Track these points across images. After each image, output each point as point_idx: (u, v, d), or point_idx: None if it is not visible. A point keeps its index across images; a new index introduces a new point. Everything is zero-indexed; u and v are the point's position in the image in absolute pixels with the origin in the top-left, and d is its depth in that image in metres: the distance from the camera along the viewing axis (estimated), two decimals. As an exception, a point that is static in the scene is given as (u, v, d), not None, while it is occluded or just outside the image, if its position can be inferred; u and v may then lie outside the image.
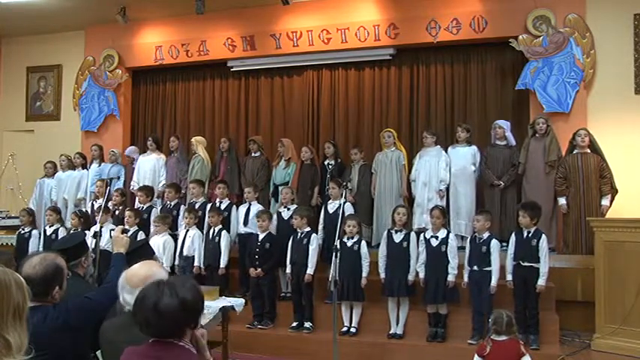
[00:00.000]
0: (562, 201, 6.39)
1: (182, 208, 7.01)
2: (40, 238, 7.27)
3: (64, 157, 8.50)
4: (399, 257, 5.69)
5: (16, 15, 8.68)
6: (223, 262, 6.31)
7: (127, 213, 6.76)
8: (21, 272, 2.07)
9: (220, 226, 6.44)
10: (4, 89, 10.08)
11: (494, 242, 5.44)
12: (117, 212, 7.21)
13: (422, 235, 5.77)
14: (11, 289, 1.62)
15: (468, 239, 5.74)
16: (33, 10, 8.58)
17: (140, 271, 2.42)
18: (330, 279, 4.97)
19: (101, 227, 5.98)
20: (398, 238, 5.74)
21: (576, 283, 5.92)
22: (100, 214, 6.19)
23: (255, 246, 6.18)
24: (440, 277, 5.52)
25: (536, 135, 6.60)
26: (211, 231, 6.43)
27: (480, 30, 7.32)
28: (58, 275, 2.55)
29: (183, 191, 7.56)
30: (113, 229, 4.97)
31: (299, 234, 6.03)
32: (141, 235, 6.49)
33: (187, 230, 6.48)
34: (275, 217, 6.60)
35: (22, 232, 7.37)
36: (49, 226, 7.21)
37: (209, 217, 6.52)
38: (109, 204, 7.09)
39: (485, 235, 5.50)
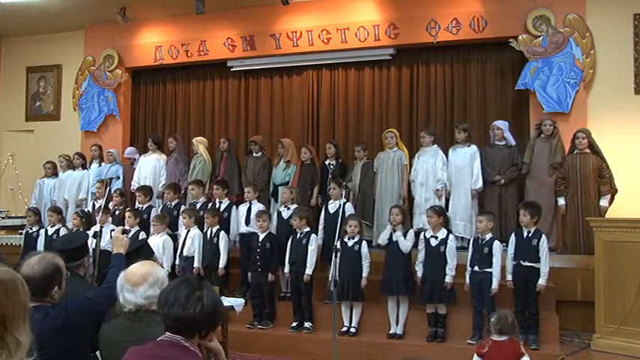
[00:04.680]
0: (561, 201, 6.39)
1: (183, 208, 7.00)
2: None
3: (62, 158, 8.50)
4: (397, 256, 5.69)
5: (16, 15, 8.67)
6: (222, 263, 6.31)
7: (127, 213, 6.75)
8: (20, 272, 2.06)
9: (218, 227, 6.44)
10: (4, 89, 10.07)
11: (496, 244, 5.43)
12: (117, 212, 7.20)
13: (422, 234, 5.78)
14: (21, 290, 1.62)
15: (471, 240, 5.73)
16: (33, 10, 8.58)
17: (139, 270, 2.42)
18: (330, 279, 4.97)
19: (101, 227, 5.98)
20: (395, 237, 5.73)
21: (576, 283, 5.92)
22: (100, 214, 6.19)
23: (256, 246, 6.18)
24: (437, 277, 5.52)
25: (542, 135, 6.59)
26: (209, 231, 6.43)
27: (480, 30, 7.32)
28: (57, 275, 2.55)
29: (182, 191, 7.56)
30: (113, 230, 4.97)
31: (298, 234, 6.03)
32: (142, 236, 6.50)
33: (188, 231, 6.48)
34: (275, 216, 6.61)
35: (30, 231, 7.33)
36: (51, 227, 7.19)
37: (205, 217, 6.51)
38: (110, 204, 7.08)
39: (488, 236, 5.49)
